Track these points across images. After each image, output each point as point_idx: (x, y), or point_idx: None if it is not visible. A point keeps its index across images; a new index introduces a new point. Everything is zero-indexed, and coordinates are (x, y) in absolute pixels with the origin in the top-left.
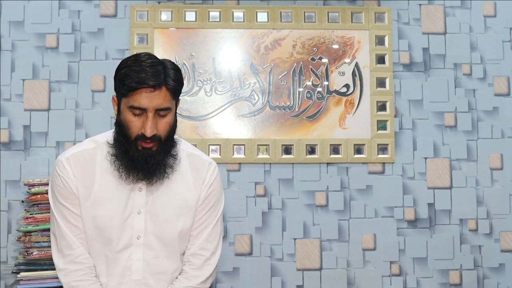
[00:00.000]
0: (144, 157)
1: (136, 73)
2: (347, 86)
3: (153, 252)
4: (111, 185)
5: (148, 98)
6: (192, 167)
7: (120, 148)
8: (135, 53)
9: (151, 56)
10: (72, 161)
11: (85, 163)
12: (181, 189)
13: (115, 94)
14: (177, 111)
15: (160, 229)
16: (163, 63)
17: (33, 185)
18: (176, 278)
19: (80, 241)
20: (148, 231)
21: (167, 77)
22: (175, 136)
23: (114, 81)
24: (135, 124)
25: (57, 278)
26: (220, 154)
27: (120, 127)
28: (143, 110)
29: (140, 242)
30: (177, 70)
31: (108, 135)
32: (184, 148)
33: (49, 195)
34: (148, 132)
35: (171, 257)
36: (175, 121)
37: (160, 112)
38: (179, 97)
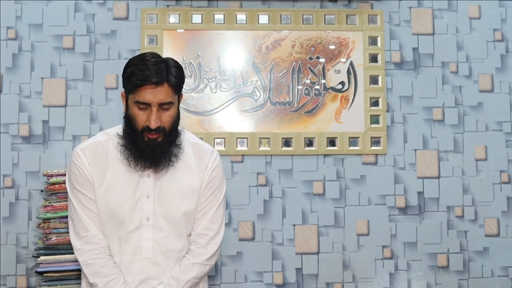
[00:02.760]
0: (150, 148)
1: (140, 71)
2: (342, 83)
3: (162, 233)
4: (122, 172)
5: (151, 94)
6: (195, 155)
7: (128, 139)
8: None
9: (155, 55)
10: (86, 151)
11: (99, 153)
12: (185, 175)
13: (123, 90)
14: (181, 105)
15: (167, 211)
16: (166, 61)
17: (51, 176)
18: (184, 256)
19: (94, 223)
20: (157, 213)
21: (169, 75)
22: (180, 128)
23: (122, 78)
24: (141, 118)
25: (74, 261)
26: (224, 147)
27: (128, 120)
28: (147, 105)
29: (150, 223)
30: (178, 67)
31: (118, 128)
32: (188, 138)
33: (67, 183)
34: (153, 125)
35: (178, 236)
36: (178, 113)
37: (163, 106)
38: (182, 92)
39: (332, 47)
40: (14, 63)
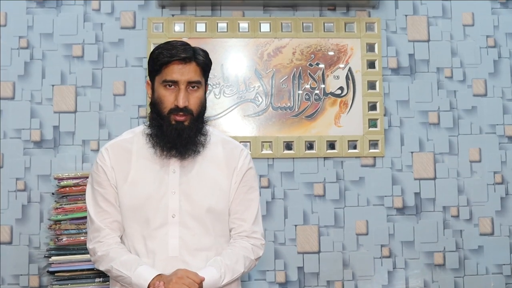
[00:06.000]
0: (177, 131)
1: (168, 50)
2: (341, 88)
3: (189, 230)
4: (146, 168)
5: (179, 71)
6: (225, 152)
7: (154, 126)
8: None
9: (181, 41)
10: (110, 150)
11: (123, 151)
12: (214, 171)
13: (148, 79)
14: (206, 97)
15: (194, 208)
16: (193, 46)
17: (62, 179)
18: (238, 246)
19: (107, 225)
20: (183, 210)
21: (197, 54)
22: (206, 122)
23: (148, 65)
24: (168, 98)
25: (85, 261)
26: None
27: (155, 105)
28: (175, 83)
29: (176, 220)
30: (205, 52)
31: (145, 125)
32: (218, 134)
33: (88, 184)
34: (181, 103)
35: (206, 235)
36: (205, 100)
37: (191, 85)
38: (208, 83)
39: (331, 53)
40: (26, 71)
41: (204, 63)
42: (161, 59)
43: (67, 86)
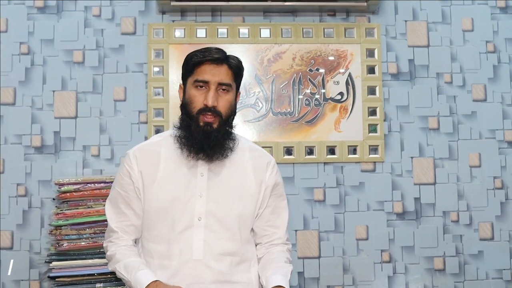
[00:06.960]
0: (205, 133)
1: (201, 52)
2: (341, 94)
3: (214, 234)
4: (174, 171)
5: (211, 72)
6: (253, 160)
7: (183, 127)
8: (150, 68)
9: (215, 46)
10: (138, 154)
11: (151, 154)
12: (241, 176)
13: (181, 83)
14: (236, 102)
15: (220, 212)
16: (226, 52)
17: (62, 184)
18: (277, 252)
19: (123, 227)
20: (209, 213)
21: (229, 58)
22: (234, 127)
23: (182, 69)
24: (198, 98)
25: (85, 266)
26: None
27: (185, 106)
28: (206, 84)
29: (201, 223)
30: (238, 58)
31: (174, 127)
32: (244, 141)
33: (112, 186)
34: (210, 102)
35: (232, 240)
36: (235, 105)
37: (222, 87)
38: (239, 91)
39: (331, 59)
40: (26, 76)
41: (236, 67)
42: (194, 59)
43: (68, 92)
